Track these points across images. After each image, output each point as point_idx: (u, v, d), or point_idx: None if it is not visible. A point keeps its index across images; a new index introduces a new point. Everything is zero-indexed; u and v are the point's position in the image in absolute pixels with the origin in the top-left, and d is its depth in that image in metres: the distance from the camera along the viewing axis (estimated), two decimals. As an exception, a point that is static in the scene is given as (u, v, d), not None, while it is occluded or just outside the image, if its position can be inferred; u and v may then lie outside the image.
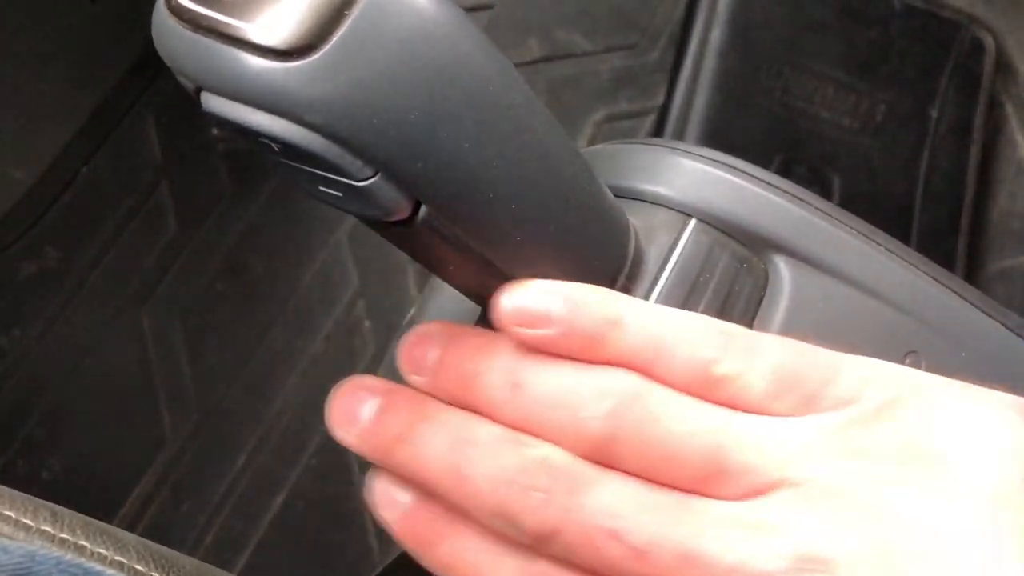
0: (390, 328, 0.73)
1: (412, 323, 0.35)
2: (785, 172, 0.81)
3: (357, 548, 0.67)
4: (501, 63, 0.24)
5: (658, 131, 0.82)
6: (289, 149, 0.22)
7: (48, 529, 0.26)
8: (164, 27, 0.22)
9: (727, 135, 0.81)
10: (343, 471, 0.70)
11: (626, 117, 0.84)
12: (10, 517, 0.26)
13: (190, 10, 0.22)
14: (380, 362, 0.72)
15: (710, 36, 0.84)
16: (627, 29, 0.86)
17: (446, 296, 0.34)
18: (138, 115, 0.74)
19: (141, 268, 0.71)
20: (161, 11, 0.23)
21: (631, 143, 0.31)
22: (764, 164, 0.80)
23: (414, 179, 0.23)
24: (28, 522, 0.26)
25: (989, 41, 0.90)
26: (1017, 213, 0.89)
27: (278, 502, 0.68)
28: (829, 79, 0.85)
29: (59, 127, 0.72)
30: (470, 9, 0.82)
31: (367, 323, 0.73)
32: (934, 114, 0.86)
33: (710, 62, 0.83)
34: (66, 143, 0.72)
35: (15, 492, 0.27)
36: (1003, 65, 0.91)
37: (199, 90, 0.23)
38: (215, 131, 0.74)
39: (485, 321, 0.31)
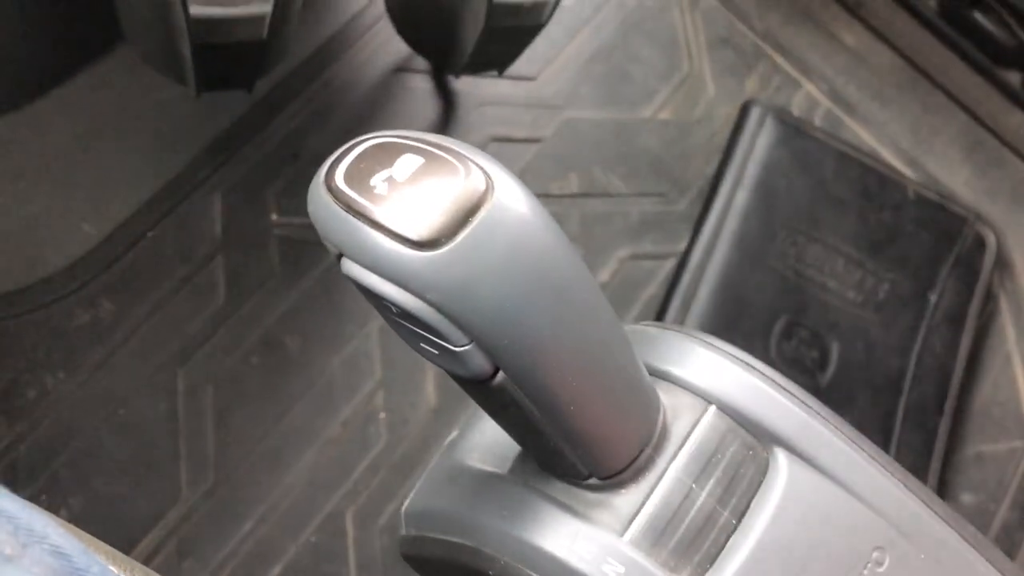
0: (404, 423, 0.78)
1: (454, 442, 0.41)
2: (788, 334, 0.87)
3: (342, 628, 0.71)
4: (579, 268, 0.30)
5: (676, 276, 0.88)
6: (406, 315, 0.28)
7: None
8: (319, 201, 0.28)
9: (739, 290, 0.88)
10: (339, 554, 0.73)
11: (649, 258, 0.91)
12: (113, 572, 0.31)
13: (345, 193, 0.27)
14: (391, 452, 0.76)
15: (735, 197, 0.91)
16: (661, 179, 0.93)
17: (488, 427, 0.39)
18: (206, 192, 0.80)
19: (185, 332, 0.76)
20: (319, 187, 0.28)
21: (668, 329, 0.37)
22: (770, 323, 0.87)
23: (500, 352, 0.28)
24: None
25: (991, 238, 0.97)
26: (999, 401, 0.95)
27: (274, 573, 0.72)
28: (840, 253, 0.92)
29: (133, 192, 0.78)
30: (521, 141, 0.89)
31: (383, 414, 0.78)
32: (933, 299, 0.92)
33: (732, 221, 0.90)
34: (137, 208, 0.78)
35: (118, 552, 0.32)
36: (1002, 262, 0.98)
37: (340, 255, 0.29)
38: (274, 217, 0.80)
39: (524, 462, 0.36)
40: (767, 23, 1.05)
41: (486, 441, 0.39)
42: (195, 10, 0.53)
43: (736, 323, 0.87)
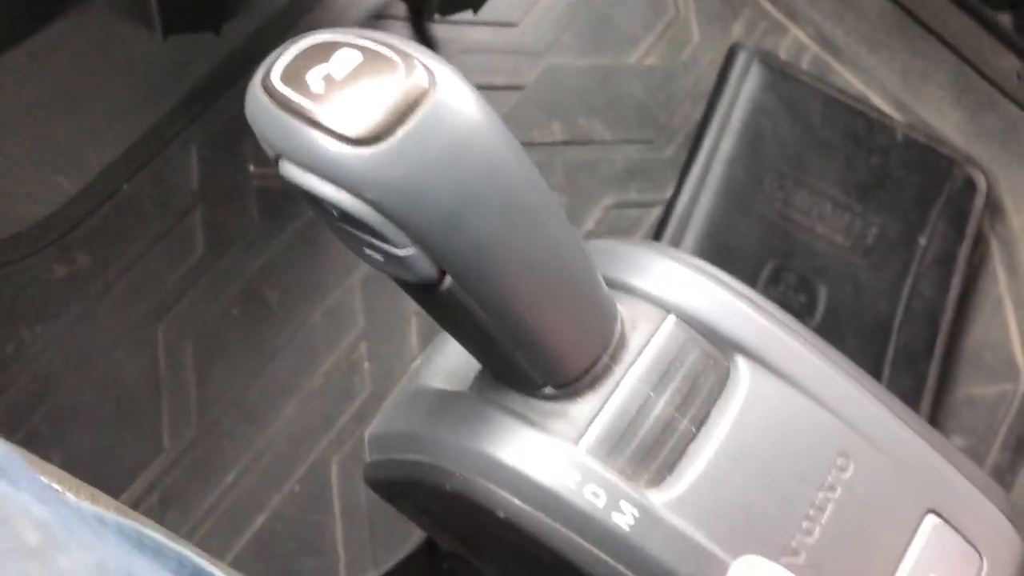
0: (388, 372, 0.77)
1: (417, 369, 0.40)
2: (775, 279, 0.86)
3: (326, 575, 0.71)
4: (528, 169, 0.29)
5: (662, 223, 0.87)
6: (347, 217, 0.27)
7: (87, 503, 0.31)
8: (256, 101, 0.27)
9: (726, 236, 0.87)
10: (324, 502, 0.73)
11: (634, 206, 0.90)
12: (57, 491, 0.31)
13: (280, 92, 0.27)
14: (375, 402, 0.76)
15: (721, 143, 0.89)
16: (646, 125, 0.92)
17: (451, 350, 0.38)
18: (182, 145, 0.79)
19: (164, 285, 0.75)
20: (256, 86, 0.28)
21: (629, 242, 0.36)
22: (757, 269, 0.86)
23: (444, 255, 0.27)
24: (71, 496, 0.31)
25: (981, 181, 0.96)
26: (990, 345, 0.94)
27: (258, 522, 0.72)
28: (827, 197, 0.90)
29: (109, 145, 0.77)
30: (503, 88, 0.88)
31: (367, 365, 0.77)
32: (922, 242, 0.91)
33: (718, 167, 0.89)
34: (113, 160, 0.77)
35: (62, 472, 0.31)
36: (992, 204, 0.97)
37: (278, 157, 0.28)
38: (251, 169, 0.80)
39: (483, 378, 0.36)
40: (753, -33, 1.03)
41: (449, 364, 0.38)
42: (154, -56, 0.52)
43: (723, 269, 0.86)
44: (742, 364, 0.33)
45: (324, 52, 0.28)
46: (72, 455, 0.70)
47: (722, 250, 0.86)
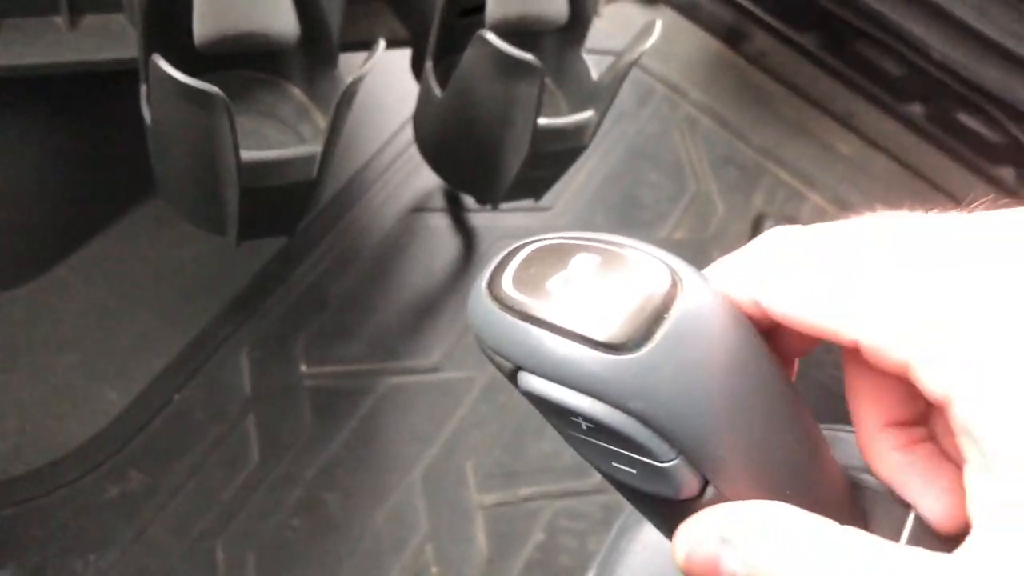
0: None
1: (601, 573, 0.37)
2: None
3: None
4: (770, 358, 0.27)
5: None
6: (599, 428, 0.25)
7: None
8: (486, 312, 0.25)
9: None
10: None
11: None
12: None
13: (517, 300, 0.25)
14: (450, 611, 0.71)
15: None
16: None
17: (643, 550, 0.36)
18: (233, 349, 0.77)
19: (220, 499, 0.71)
20: (483, 298, 0.26)
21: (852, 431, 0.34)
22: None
23: (712, 462, 0.25)
24: None
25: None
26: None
27: None
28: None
29: (158, 353, 0.75)
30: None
31: (435, 569, 0.73)
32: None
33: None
34: (162, 369, 0.75)
35: None
36: None
37: (516, 370, 0.26)
38: (303, 369, 0.77)
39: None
40: (765, 140, 1.07)
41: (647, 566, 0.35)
42: (246, 155, 0.51)
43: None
44: None
45: (556, 255, 0.26)
46: None
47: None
